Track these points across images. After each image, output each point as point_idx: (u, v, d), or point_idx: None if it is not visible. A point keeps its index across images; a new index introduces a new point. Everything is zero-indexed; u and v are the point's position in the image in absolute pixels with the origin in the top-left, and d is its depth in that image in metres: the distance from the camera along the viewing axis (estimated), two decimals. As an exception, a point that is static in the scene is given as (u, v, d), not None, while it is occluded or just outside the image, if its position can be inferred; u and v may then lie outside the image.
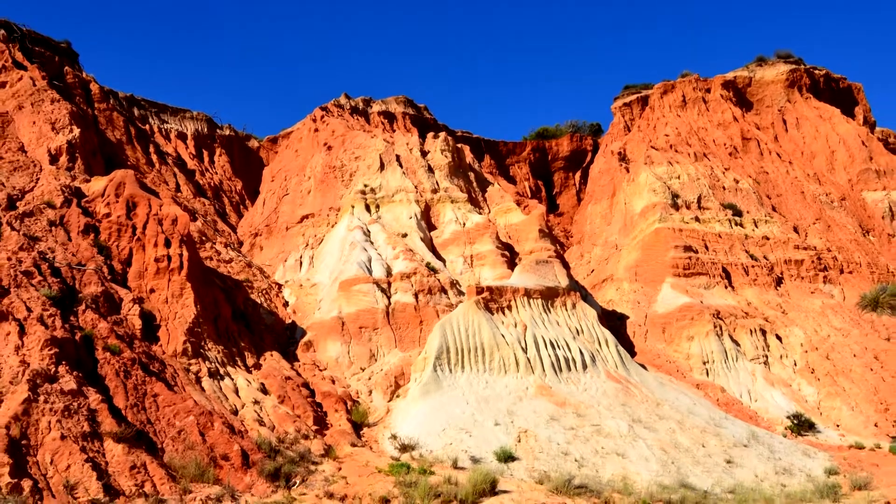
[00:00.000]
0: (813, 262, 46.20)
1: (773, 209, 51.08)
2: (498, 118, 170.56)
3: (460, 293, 37.52)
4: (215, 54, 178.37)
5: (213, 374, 28.73)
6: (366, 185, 45.39)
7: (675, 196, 48.78)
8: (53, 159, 39.27)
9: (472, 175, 50.09)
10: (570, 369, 33.03)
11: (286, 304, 39.48)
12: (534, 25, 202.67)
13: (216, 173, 57.58)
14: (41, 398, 22.03)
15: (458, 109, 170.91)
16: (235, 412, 27.15)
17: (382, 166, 46.85)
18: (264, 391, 29.53)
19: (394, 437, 27.98)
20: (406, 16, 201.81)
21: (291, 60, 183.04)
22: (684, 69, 63.35)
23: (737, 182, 52.13)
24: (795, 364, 38.99)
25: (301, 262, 43.32)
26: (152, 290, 31.14)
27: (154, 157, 51.27)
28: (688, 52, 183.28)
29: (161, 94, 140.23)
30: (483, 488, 22.89)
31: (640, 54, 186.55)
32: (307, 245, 44.51)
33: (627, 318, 41.99)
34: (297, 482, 23.43)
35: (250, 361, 31.71)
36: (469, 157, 52.12)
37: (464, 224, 43.43)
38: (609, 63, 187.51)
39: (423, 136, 53.18)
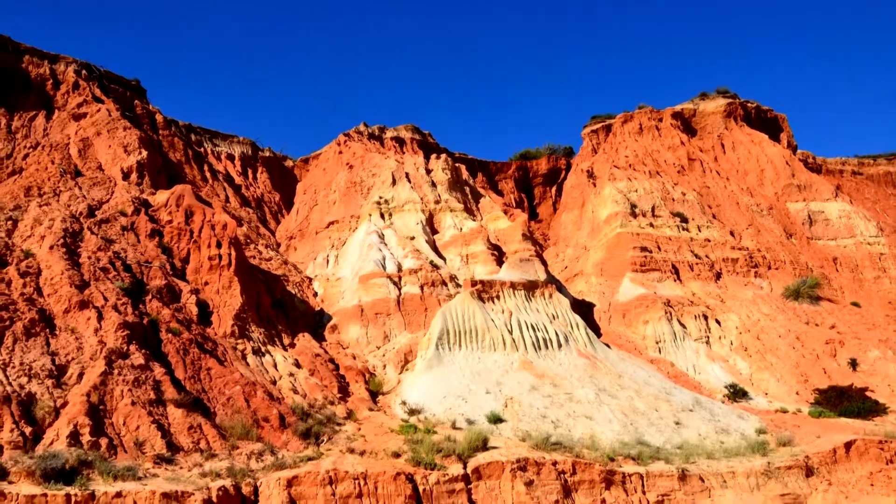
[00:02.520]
0: (746, 260, 46.19)
1: (714, 217, 51.04)
2: (489, 142, 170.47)
3: (458, 285, 37.49)
4: (259, 88, 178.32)
5: (256, 352, 28.72)
6: (381, 198, 45.35)
7: (633, 206, 48.74)
8: (125, 176, 39.29)
9: (467, 189, 50.03)
10: (547, 348, 33.01)
11: (315, 294, 39.45)
12: (520, 65, 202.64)
13: (258, 188, 57.49)
14: (115, 371, 22.05)
15: (456, 134, 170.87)
16: (274, 383, 27.14)
17: (394, 182, 46.81)
18: (298, 365, 29.52)
19: (403, 403, 27.99)
20: (414, 57, 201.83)
21: (321, 94, 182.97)
22: (641, 102, 63.17)
23: (684, 195, 52.10)
24: (731, 343, 38.97)
25: (328, 260, 43.30)
26: (206, 283, 31.13)
27: (208, 175, 51.23)
28: (645, 87, 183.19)
29: (214, 121, 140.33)
30: (477, 445, 22.93)
31: (606, 89, 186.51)
32: (333, 246, 44.49)
33: (594, 305, 41.96)
34: (325, 440, 23.43)
35: (286, 341, 31.70)
36: (465, 174, 52.07)
37: (461, 229, 43.38)
38: (580, 96, 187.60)
39: (427, 157, 53.13)
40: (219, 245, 31.98)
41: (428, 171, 49.40)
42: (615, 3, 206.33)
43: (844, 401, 32.42)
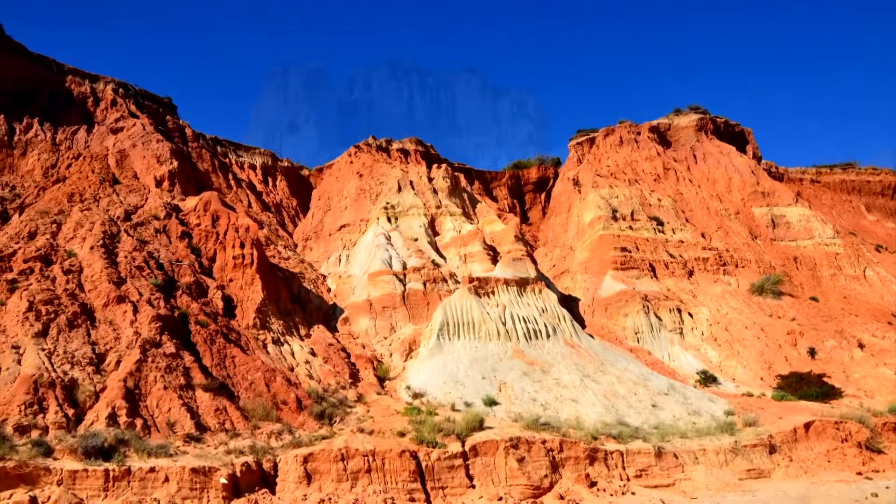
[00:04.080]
0: (716, 259, 46.18)
1: (687, 220, 51.03)
2: (485, 152, 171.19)
3: (457, 282, 37.49)
4: (277, 104, 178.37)
5: (276, 342, 28.73)
6: (387, 203, 45.36)
7: (614, 211, 48.74)
8: (158, 184, 39.28)
9: (465, 195, 50.03)
10: (537, 338, 33.03)
11: (329, 290, 39.45)
12: (513, 83, 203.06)
13: (278, 194, 57.45)
14: (149, 359, 22.05)
15: (455, 146, 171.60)
16: (292, 369, 27.15)
17: (400, 189, 46.82)
18: (313, 354, 29.53)
19: (408, 387, 28.01)
20: (418, 76, 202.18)
21: (333, 109, 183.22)
22: (621, 117, 63.40)
23: (660, 200, 52.09)
24: (703, 334, 38.97)
25: (340, 259, 43.30)
26: (231, 280, 31.14)
27: (232, 182, 51.21)
28: (625, 103, 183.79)
29: (237, 134, 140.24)
30: (474, 425, 22.95)
31: (590, 105, 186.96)
32: (344, 247, 44.49)
33: (579, 300, 41.95)
34: (337, 421, 23.44)
35: (303, 332, 31.71)
36: (463, 182, 52.08)
37: (459, 231, 43.39)
38: (567, 111, 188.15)
39: (429, 167, 53.11)
40: (242, 246, 32.00)
41: (430, 180, 49.41)
42: (598, 28, 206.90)
43: (804, 386, 32.41)
